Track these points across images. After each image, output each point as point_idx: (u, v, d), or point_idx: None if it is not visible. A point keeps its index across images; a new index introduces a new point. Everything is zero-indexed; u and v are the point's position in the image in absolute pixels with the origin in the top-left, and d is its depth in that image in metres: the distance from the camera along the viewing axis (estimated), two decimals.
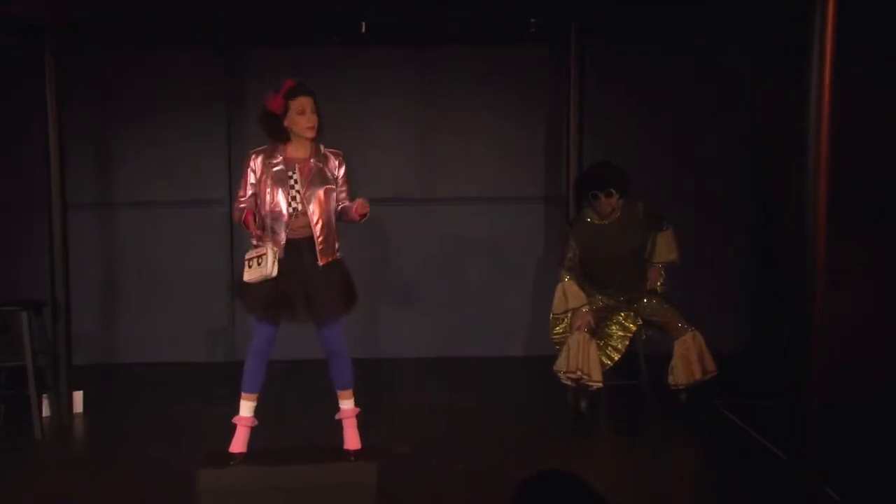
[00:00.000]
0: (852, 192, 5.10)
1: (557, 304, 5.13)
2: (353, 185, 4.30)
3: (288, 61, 6.44)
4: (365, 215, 4.11)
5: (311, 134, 4.06)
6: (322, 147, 4.16)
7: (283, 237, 4.03)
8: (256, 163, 4.08)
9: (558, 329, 5.17)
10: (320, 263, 4.08)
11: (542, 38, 6.21)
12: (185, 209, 6.58)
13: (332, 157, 4.16)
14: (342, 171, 4.17)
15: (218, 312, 6.53)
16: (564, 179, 5.97)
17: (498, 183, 6.70)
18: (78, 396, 5.42)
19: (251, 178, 4.08)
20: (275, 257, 3.98)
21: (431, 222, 6.73)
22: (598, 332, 5.10)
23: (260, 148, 4.14)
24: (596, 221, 5.09)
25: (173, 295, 6.61)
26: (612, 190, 5.00)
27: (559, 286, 5.13)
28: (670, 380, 5.05)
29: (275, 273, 3.98)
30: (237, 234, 6.50)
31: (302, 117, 4.03)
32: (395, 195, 6.67)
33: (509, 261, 6.72)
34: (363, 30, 5.90)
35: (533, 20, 5.79)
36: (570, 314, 5.09)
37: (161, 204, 6.55)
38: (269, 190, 4.03)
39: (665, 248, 5.20)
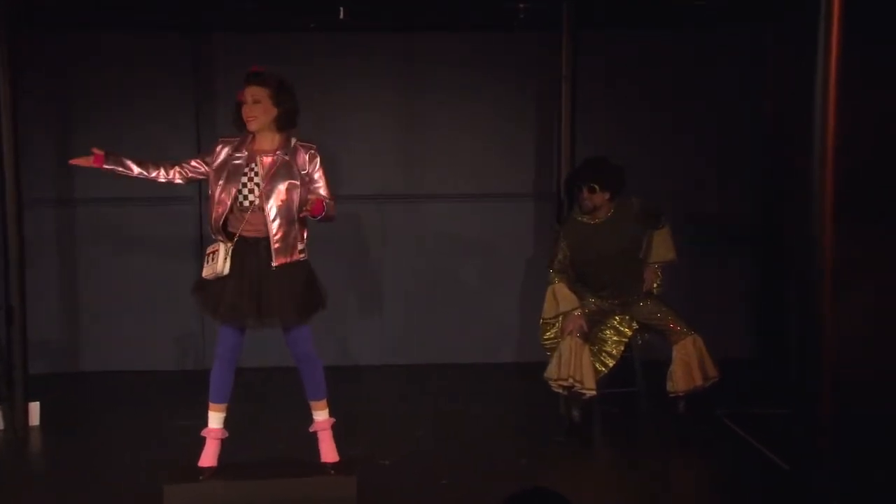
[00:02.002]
0: (858, 189, 5.11)
1: (548, 308, 5.12)
2: (333, 181, 4.28)
3: (263, 48, 6.40)
4: (319, 216, 4.04)
5: (249, 126, 4.06)
6: (294, 140, 4.14)
7: (219, 226, 4.04)
8: (221, 153, 4.11)
9: (549, 334, 5.16)
10: (274, 264, 4.02)
11: (533, 24, 6.20)
12: (150, 206, 6.53)
13: (301, 151, 4.12)
14: (314, 164, 4.13)
15: (187, 318, 6.47)
16: (556, 175, 5.95)
17: (486, 179, 6.69)
18: (34, 408, 5.35)
19: (207, 159, 4.12)
20: (227, 254, 3.99)
21: (415, 220, 6.71)
22: (591, 337, 5.10)
23: (230, 138, 4.16)
24: (587, 221, 5.09)
25: (139, 299, 6.55)
26: (594, 185, 4.99)
27: (549, 289, 5.12)
28: (669, 386, 5.05)
29: (226, 271, 3.99)
30: (206, 234, 6.44)
31: (243, 108, 4.06)
32: (375, 191, 6.64)
33: (497, 261, 6.71)
34: (342, 15, 5.88)
35: (522, 5, 5.78)
36: (561, 318, 5.08)
37: (125, 201, 6.49)
38: (221, 182, 4.03)
39: (661, 246, 5.20)
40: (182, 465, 4.23)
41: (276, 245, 4.02)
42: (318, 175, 4.14)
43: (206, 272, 4.07)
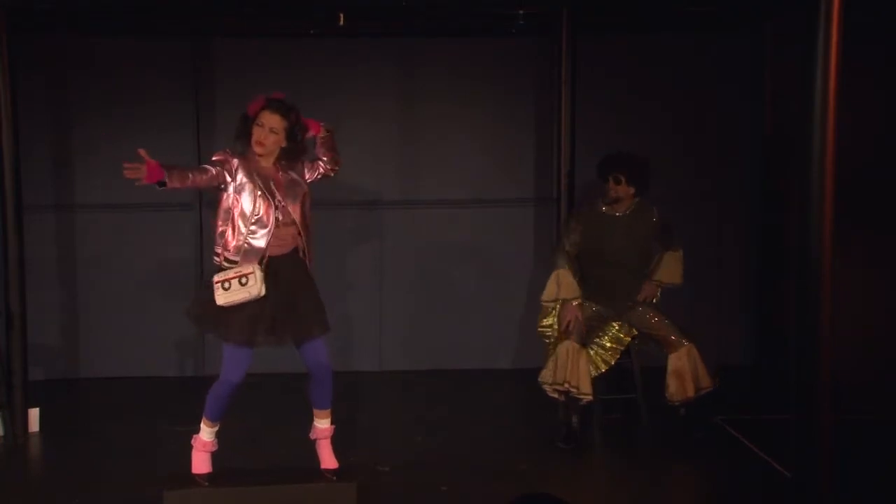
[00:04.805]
0: (857, 190, 5.12)
1: (549, 291, 5.14)
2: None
3: (262, 53, 6.43)
4: (321, 134, 4.18)
5: (257, 149, 4.03)
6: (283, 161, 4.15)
7: (261, 246, 4.00)
8: (240, 168, 4.01)
9: (547, 321, 5.17)
10: (310, 268, 4.13)
11: (532, 29, 6.22)
12: (150, 212, 6.54)
13: (297, 165, 4.15)
14: (307, 163, 4.19)
15: (186, 324, 6.39)
16: (555, 181, 5.96)
17: (483, 184, 6.70)
18: (34, 414, 5.37)
19: (227, 169, 4.00)
20: (262, 277, 3.95)
21: (413, 226, 6.71)
22: (588, 341, 5.11)
23: (235, 150, 4.10)
24: (606, 211, 5.14)
25: (138, 305, 6.55)
26: (620, 176, 5.04)
27: (553, 273, 5.15)
28: (667, 395, 5.09)
29: (263, 292, 3.94)
30: (206, 241, 6.45)
31: (256, 129, 4.03)
32: (373, 198, 6.65)
33: (496, 267, 6.72)
34: (341, 21, 5.90)
35: (521, 11, 5.80)
36: (559, 306, 5.09)
37: (124, 206, 6.50)
38: (253, 198, 3.99)
39: (670, 268, 5.23)
40: (182, 471, 4.23)
41: (310, 255, 4.13)
42: (309, 162, 4.19)
43: (232, 298, 3.93)
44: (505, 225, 6.71)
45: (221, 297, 3.95)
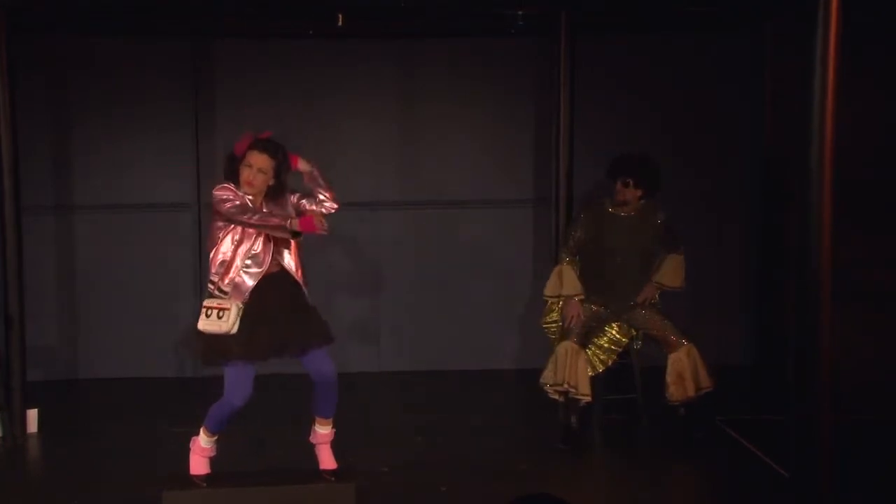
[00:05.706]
0: (857, 192, 5.13)
1: (550, 285, 5.18)
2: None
3: (262, 54, 6.43)
4: (302, 168, 4.10)
5: (247, 189, 4.01)
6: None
7: (251, 285, 4.00)
8: (246, 197, 4.00)
9: (551, 317, 5.20)
10: (307, 295, 4.13)
11: (531, 29, 6.22)
12: (150, 212, 6.54)
13: (285, 199, 4.12)
14: (295, 196, 4.14)
15: (185, 325, 6.47)
16: (553, 182, 5.96)
17: (484, 184, 6.70)
18: (32, 415, 5.37)
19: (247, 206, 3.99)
20: (238, 315, 3.96)
21: (413, 227, 6.72)
22: (587, 341, 5.12)
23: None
24: (613, 211, 5.17)
25: (137, 306, 6.55)
26: (629, 180, 5.07)
27: (556, 268, 5.19)
28: (667, 394, 5.09)
29: (234, 331, 3.96)
30: (205, 241, 6.44)
31: (245, 170, 4.02)
32: (371, 199, 6.65)
33: (495, 268, 6.72)
34: (340, 22, 5.90)
35: (520, 11, 5.80)
36: (562, 303, 5.10)
37: (123, 207, 6.51)
38: (254, 235, 3.99)
39: (672, 271, 5.23)
40: (181, 472, 4.22)
41: (302, 280, 4.11)
42: (299, 196, 4.14)
43: (208, 327, 3.97)
44: (505, 225, 6.71)
45: (202, 323, 4.00)
